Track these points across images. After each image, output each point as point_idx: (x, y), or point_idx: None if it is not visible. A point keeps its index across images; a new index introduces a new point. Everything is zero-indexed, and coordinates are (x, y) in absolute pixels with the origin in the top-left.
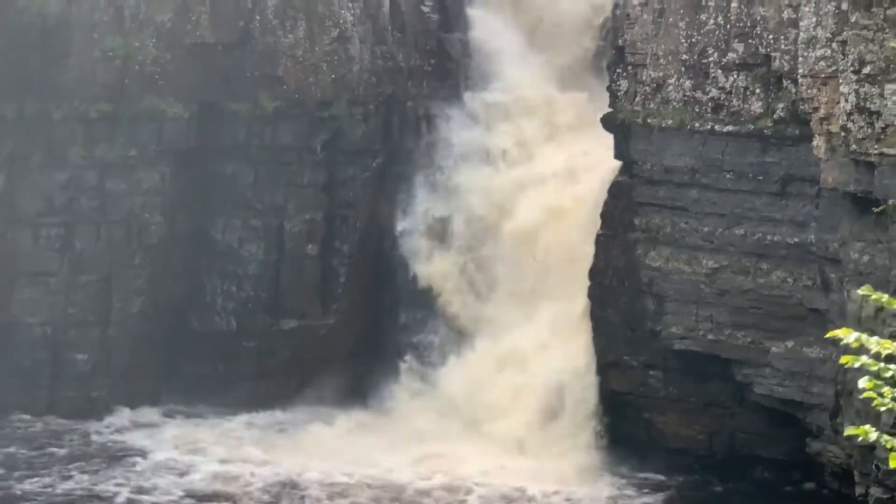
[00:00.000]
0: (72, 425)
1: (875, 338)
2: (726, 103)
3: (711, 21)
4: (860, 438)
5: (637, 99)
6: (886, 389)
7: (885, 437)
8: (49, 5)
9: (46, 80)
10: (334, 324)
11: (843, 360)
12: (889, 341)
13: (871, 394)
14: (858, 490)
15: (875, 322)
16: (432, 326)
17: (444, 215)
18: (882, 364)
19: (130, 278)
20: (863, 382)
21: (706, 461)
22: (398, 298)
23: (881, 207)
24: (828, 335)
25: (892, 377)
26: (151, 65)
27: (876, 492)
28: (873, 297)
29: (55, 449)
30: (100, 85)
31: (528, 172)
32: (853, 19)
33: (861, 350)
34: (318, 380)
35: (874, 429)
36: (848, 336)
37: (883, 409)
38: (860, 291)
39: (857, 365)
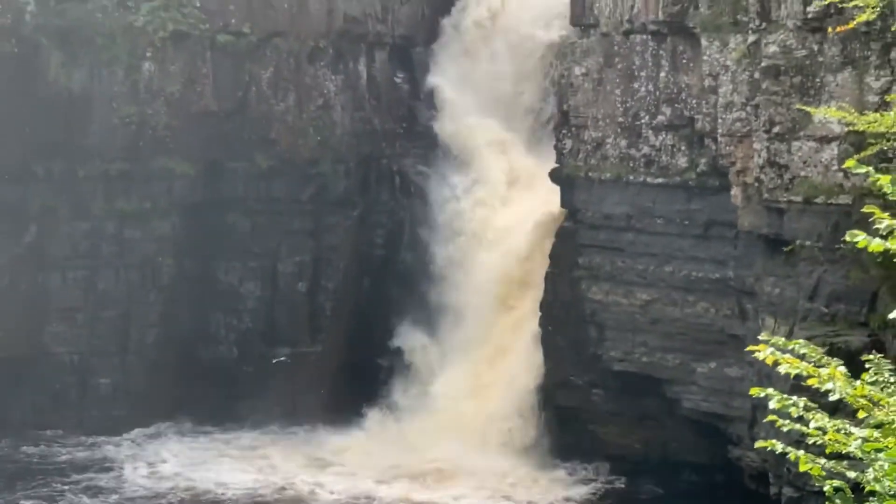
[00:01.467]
0: (96, 440)
1: (787, 354)
2: (656, 159)
3: (643, 88)
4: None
5: (580, 156)
6: (794, 409)
7: (790, 448)
8: (74, 79)
9: (72, 143)
10: (321, 351)
11: (752, 391)
12: (797, 360)
13: (773, 417)
14: (773, 490)
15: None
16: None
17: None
18: (784, 396)
19: (146, 313)
20: (773, 404)
21: (641, 466)
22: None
23: (790, 247)
24: (747, 349)
25: (799, 416)
26: (163, 129)
27: (788, 491)
28: (772, 339)
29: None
30: (118, 147)
31: (485, 219)
32: (764, 86)
33: (775, 365)
34: (308, 398)
35: (779, 443)
36: (764, 351)
37: (785, 429)
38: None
39: (762, 395)
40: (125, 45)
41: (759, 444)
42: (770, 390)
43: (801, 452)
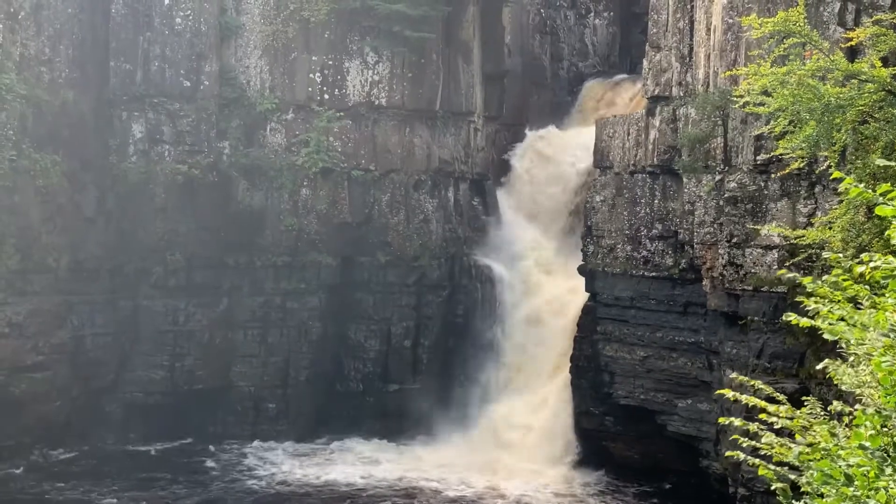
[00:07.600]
0: (270, 446)
1: (744, 396)
2: (651, 259)
3: (642, 211)
4: (734, 458)
5: (599, 256)
6: (752, 426)
7: (748, 457)
8: (254, 200)
9: (252, 243)
10: (420, 387)
11: (720, 420)
12: (754, 398)
13: (737, 435)
14: (731, 489)
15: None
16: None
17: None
18: (742, 419)
19: (300, 360)
20: (737, 422)
21: (639, 472)
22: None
23: (743, 321)
24: (716, 392)
25: (754, 433)
26: (314, 234)
27: (741, 491)
28: (738, 379)
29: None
30: (283, 246)
31: (535, 299)
32: (726, 210)
33: (736, 401)
34: (412, 421)
35: (740, 453)
36: (728, 392)
37: (744, 445)
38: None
39: (727, 422)
40: (289, 177)
41: (728, 453)
42: (733, 419)
43: (756, 461)
